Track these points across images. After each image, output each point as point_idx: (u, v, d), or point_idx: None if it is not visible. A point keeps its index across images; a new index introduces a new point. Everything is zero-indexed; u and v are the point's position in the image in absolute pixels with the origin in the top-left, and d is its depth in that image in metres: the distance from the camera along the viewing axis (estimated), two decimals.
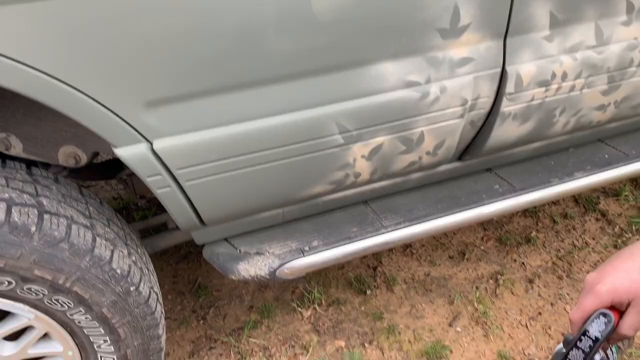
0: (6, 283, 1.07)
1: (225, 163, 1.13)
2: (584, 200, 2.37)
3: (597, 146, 1.72)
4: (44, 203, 1.13)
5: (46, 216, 1.10)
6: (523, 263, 2.07)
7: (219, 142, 1.10)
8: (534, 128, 1.42)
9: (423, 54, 1.18)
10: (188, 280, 2.06)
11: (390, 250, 2.16)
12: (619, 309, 0.77)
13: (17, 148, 1.26)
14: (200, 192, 1.15)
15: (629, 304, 0.75)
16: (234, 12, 0.99)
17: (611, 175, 1.60)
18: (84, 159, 1.30)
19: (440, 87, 1.22)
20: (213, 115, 1.08)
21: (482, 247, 2.16)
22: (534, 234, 2.20)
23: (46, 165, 1.39)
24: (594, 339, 0.77)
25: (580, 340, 0.79)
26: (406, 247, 2.17)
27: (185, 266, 2.13)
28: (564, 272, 2.02)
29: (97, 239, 1.17)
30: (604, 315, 0.77)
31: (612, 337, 0.77)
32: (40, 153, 1.28)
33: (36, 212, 1.09)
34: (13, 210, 1.06)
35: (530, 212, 2.32)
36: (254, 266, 1.34)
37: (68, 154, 1.29)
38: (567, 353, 0.81)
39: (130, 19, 0.93)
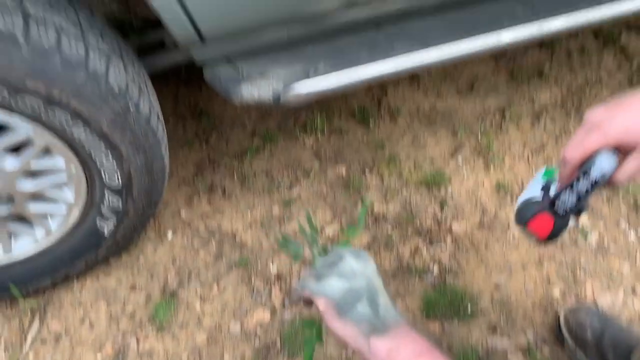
0: None
1: None
2: (605, 34, 2.24)
3: None
4: (28, 7, 1.03)
5: (32, 23, 1.02)
6: (532, 97, 2.02)
7: None
8: None
9: None
10: (189, 105, 2.02)
11: (396, 82, 2.09)
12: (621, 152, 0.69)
13: None
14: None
15: (632, 149, 0.68)
16: None
17: None
18: None
19: None
20: None
21: (491, 80, 2.09)
22: (547, 68, 2.11)
23: None
24: (594, 181, 0.70)
25: (578, 179, 0.71)
26: (413, 78, 2.10)
27: (185, 91, 2.07)
28: (573, 107, 1.98)
29: (90, 51, 1.10)
30: (611, 154, 0.69)
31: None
32: None
33: (21, 18, 1.00)
34: None
35: (546, 44, 2.21)
36: (257, 89, 1.28)
37: None
38: (556, 196, 0.74)
39: None
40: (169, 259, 1.54)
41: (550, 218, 0.76)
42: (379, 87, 2.07)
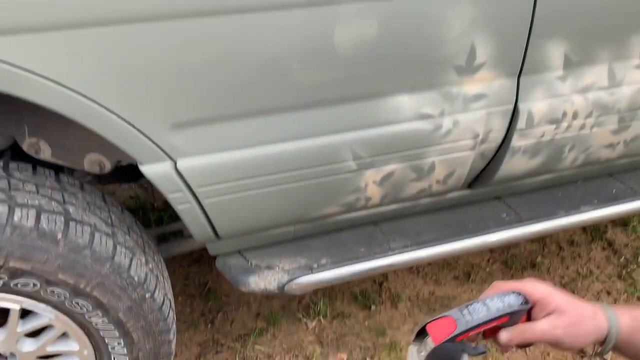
0: (32, 285, 1.14)
1: (244, 183, 1.19)
2: (592, 228, 2.40)
3: (606, 180, 1.76)
4: (70, 211, 1.19)
5: (72, 223, 1.17)
6: None
7: (239, 163, 1.16)
8: (543, 162, 1.46)
9: (438, 88, 1.23)
10: (199, 284, 2.13)
11: None
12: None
13: (46, 153, 1.33)
14: (218, 209, 1.21)
15: (549, 313, 0.76)
16: (259, 43, 1.05)
17: (617, 211, 1.64)
18: (108, 167, 1.36)
19: (453, 120, 1.27)
20: (235, 137, 1.14)
21: (487, 269, 2.20)
22: (539, 259, 2.24)
23: (71, 170, 1.46)
24: (505, 305, 0.74)
25: (492, 298, 0.75)
26: (413, 265, 2.22)
27: (196, 269, 2.19)
28: None
29: (118, 247, 1.23)
30: (519, 295, 0.75)
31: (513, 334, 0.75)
32: (67, 159, 1.35)
33: (63, 219, 1.16)
34: (42, 217, 1.13)
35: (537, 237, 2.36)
36: (263, 280, 1.40)
37: (93, 161, 1.35)
38: (468, 305, 0.75)
39: (160, 48, 0.99)
40: None
41: (453, 322, 0.74)
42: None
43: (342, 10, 1.06)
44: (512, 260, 2.23)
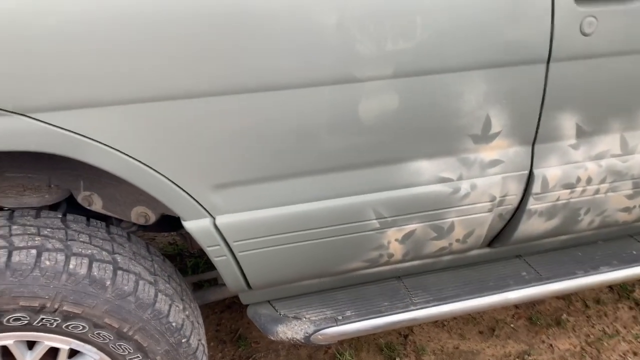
0: (81, 327, 1.25)
1: (275, 238, 1.30)
2: (619, 287, 2.40)
3: (627, 241, 1.80)
4: (118, 260, 1.32)
5: (119, 272, 1.29)
6: (551, 345, 2.12)
7: (271, 220, 1.28)
8: (560, 224, 1.53)
9: (456, 155, 1.33)
10: (230, 330, 2.22)
11: None
12: None
13: (97, 205, 1.47)
14: (250, 262, 1.32)
15: None
16: (291, 115, 1.17)
17: (637, 272, 1.67)
18: (152, 219, 1.49)
19: (470, 184, 1.36)
20: (269, 197, 1.26)
21: (512, 325, 2.23)
22: (564, 316, 2.25)
23: (118, 221, 1.60)
24: None
25: None
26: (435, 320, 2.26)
27: (228, 316, 2.29)
28: (591, 358, 2.06)
29: (159, 294, 1.35)
30: None
31: None
32: (116, 211, 1.49)
33: (111, 268, 1.28)
34: (93, 266, 1.25)
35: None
36: (291, 329, 1.48)
37: (139, 214, 1.49)
38: None
39: (204, 120, 1.13)
40: None
41: None
42: None
43: (366, 87, 1.18)
44: (537, 317, 2.25)
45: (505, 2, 1.20)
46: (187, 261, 2.57)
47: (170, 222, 1.82)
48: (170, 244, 2.75)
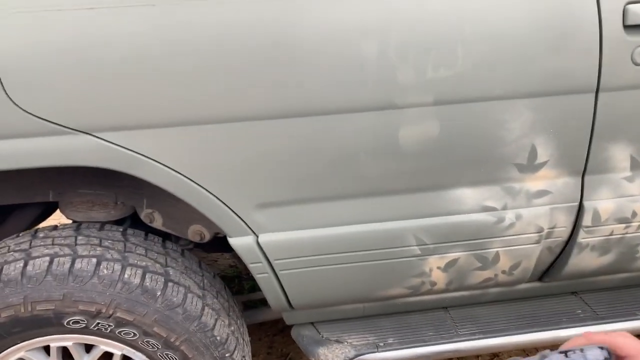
0: (132, 334, 1.34)
1: (315, 259, 1.33)
2: None
3: None
4: (170, 273, 1.40)
5: (170, 284, 1.37)
6: None
7: (312, 241, 1.32)
8: (616, 260, 1.46)
9: (500, 183, 1.32)
10: (281, 354, 2.25)
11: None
12: None
13: (158, 222, 1.57)
14: (291, 281, 1.36)
15: None
16: (335, 140, 1.22)
17: None
18: (207, 237, 1.58)
19: (516, 214, 1.34)
20: (310, 218, 1.30)
21: None
22: None
23: (177, 238, 1.69)
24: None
25: (574, 351, 0.70)
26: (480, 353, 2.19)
27: (280, 339, 2.33)
28: None
29: (206, 308, 1.41)
30: (603, 350, 0.69)
31: None
32: (175, 228, 1.58)
33: (163, 279, 1.37)
34: (146, 276, 1.34)
35: None
36: (332, 352, 1.50)
37: (195, 232, 1.57)
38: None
39: (253, 142, 1.20)
40: None
41: None
42: None
43: (407, 113, 1.21)
44: None
45: (550, 32, 1.21)
46: (244, 283, 2.65)
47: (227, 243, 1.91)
48: (230, 267, 2.85)
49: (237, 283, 2.68)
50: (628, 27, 1.22)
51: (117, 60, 1.11)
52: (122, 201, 1.56)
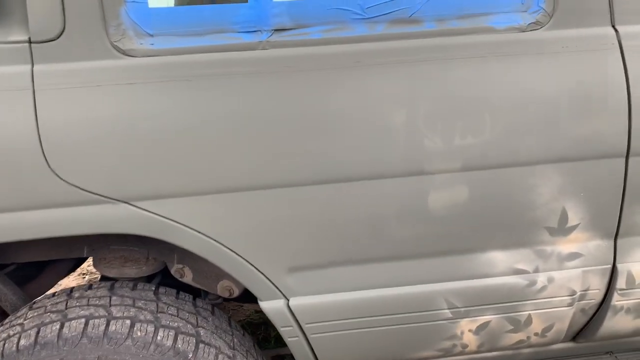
0: None
1: (346, 322, 1.33)
2: None
3: None
4: (201, 333, 1.41)
5: (201, 345, 1.38)
6: None
7: (343, 304, 1.32)
8: None
9: (531, 246, 1.31)
10: None
11: None
12: None
13: (188, 277, 1.59)
14: (322, 344, 1.36)
15: None
16: (365, 205, 1.24)
17: None
18: (236, 292, 1.59)
19: (548, 277, 1.33)
20: (341, 281, 1.31)
21: None
22: None
23: (205, 292, 1.71)
24: None
25: None
26: None
27: None
28: None
29: None
30: None
31: None
32: (204, 283, 1.60)
33: (194, 341, 1.38)
34: (178, 338, 1.36)
35: None
36: None
37: (225, 287, 1.59)
38: None
39: (283, 209, 1.23)
40: None
41: None
42: None
43: (435, 179, 1.23)
44: None
45: (578, 98, 1.22)
46: (271, 330, 2.64)
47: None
48: (256, 312, 2.85)
49: (264, 330, 2.68)
50: None
51: (155, 133, 1.16)
52: (154, 257, 1.59)
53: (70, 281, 3.05)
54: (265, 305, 1.31)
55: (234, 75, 1.18)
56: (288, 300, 1.31)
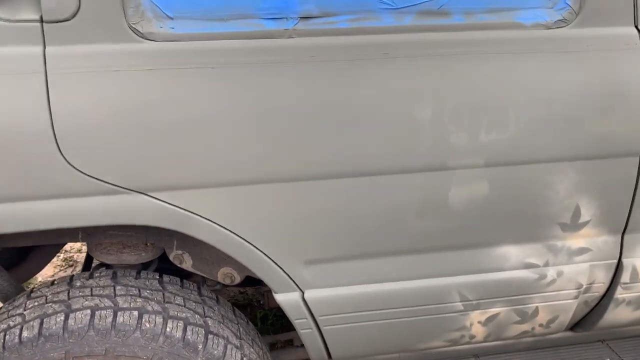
0: None
1: (360, 315, 1.33)
2: None
3: None
4: (209, 324, 1.39)
5: (210, 336, 1.36)
6: None
7: (358, 297, 1.32)
8: None
9: (543, 241, 1.33)
10: None
11: None
12: None
13: (187, 263, 1.56)
14: (335, 335, 1.36)
15: None
16: (384, 199, 1.23)
17: None
18: (237, 280, 1.56)
19: (557, 271, 1.36)
20: (356, 274, 1.31)
21: None
22: None
23: (204, 279, 1.68)
24: None
25: None
26: None
27: None
28: None
29: (244, 358, 1.40)
30: None
31: None
32: (205, 270, 1.57)
33: (204, 332, 1.35)
34: (188, 329, 1.33)
35: None
36: None
37: (226, 274, 1.56)
38: None
39: (303, 201, 1.20)
40: None
41: None
42: None
43: (457, 174, 1.22)
44: None
45: (597, 98, 1.23)
46: (256, 312, 2.63)
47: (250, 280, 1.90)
48: (240, 293, 2.83)
49: (249, 312, 2.66)
50: None
51: (174, 122, 1.11)
52: (152, 242, 1.54)
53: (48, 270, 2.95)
54: (280, 297, 1.30)
55: (257, 64, 1.13)
56: (303, 292, 1.29)
